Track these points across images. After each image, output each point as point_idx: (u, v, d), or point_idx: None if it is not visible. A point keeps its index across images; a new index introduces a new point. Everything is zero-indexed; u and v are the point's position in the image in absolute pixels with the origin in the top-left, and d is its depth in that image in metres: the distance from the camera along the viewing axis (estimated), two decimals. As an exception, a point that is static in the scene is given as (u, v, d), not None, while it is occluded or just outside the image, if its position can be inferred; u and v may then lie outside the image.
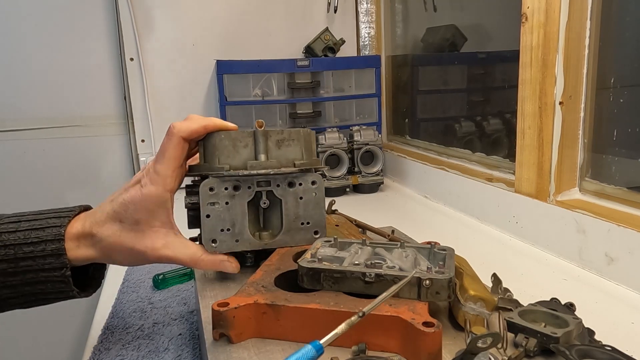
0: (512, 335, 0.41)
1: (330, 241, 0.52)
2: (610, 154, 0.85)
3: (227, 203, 0.54)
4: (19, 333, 1.48)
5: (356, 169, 1.32)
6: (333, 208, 0.69)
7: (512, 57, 0.92)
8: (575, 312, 0.46)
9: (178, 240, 0.53)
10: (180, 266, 0.81)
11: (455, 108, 1.47)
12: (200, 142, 0.56)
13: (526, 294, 0.55)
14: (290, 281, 0.47)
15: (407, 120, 1.56)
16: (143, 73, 1.43)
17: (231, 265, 0.54)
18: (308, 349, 0.35)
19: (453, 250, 0.49)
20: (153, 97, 1.45)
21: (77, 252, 0.52)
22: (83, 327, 1.51)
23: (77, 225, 0.53)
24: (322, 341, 0.35)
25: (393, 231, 0.68)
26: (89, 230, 0.52)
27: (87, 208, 0.56)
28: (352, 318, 0.37)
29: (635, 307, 0.66)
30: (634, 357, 0.38)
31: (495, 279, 0.49)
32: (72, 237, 0.52)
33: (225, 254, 0.55)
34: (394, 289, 0.39)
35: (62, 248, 0.51)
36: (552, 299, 0.47)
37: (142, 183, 0.53)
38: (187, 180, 0.59)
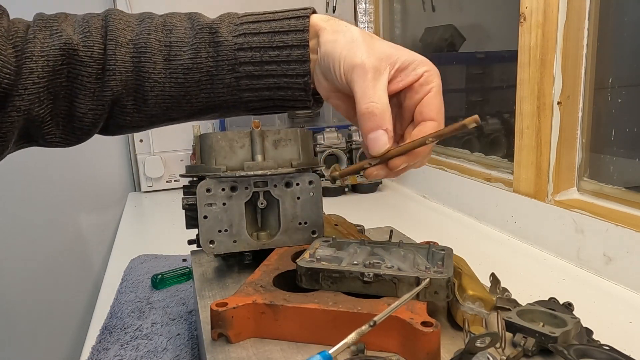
0: (511, 334, 0.41)
1: (329, 241, 0.52)
2: (609, 154, 0.85)
3: (224, 204, 0.54)
4: (18, 332, 1.48)
5: (355, 169, 1.31)
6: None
7: (510, 57, 0.93)
8: (574, 312, 0.46)
9: None
10: (179, 266, 0.81)
11: (454, 108, 1.47)
12: (197, 143, 0.56)
13: (524, 293, 0.55)
14: (289, 281, 0.47)
15: (405, 120, 1.55)
16: (141, 73, 1.43)
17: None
18: (317, 359, 0.34)
19: (451, 250, 0.49)
20: (151, 97, 1.45)
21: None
22: (81, 327, 1.51)
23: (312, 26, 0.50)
24: (331, 351, 0.35)
25: (392, 231, 0.68)
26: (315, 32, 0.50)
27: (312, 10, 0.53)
28: (363, 327, 0.36)
29: (634, 306, 0.66)
30: (632, 356, 0.38)
31: (494, 278, 0.50)
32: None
33: (224, 254, 0.55)
34: (407, 297, 0.39)
35: (306, 54, 0.50)
36: (551, 298, 0.48)
37: None
38: (184, 181, 0.59)
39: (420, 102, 0.46)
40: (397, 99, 0.48)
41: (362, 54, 0.45)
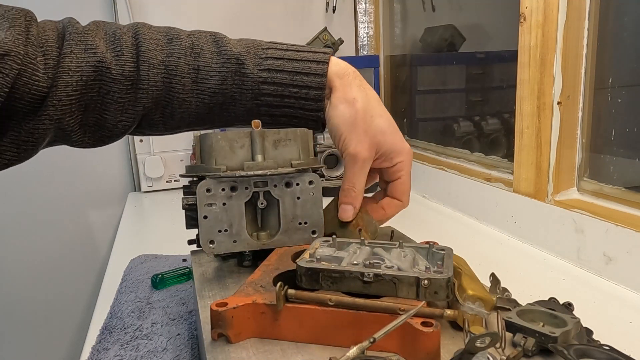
0: (511, 334, 0.41)
1: (329, 241, 0.52)
2: (609, 154, 0.85)
3: (224, 204, 0.54)
4: (18, 332, 1.48)
5: (355, 169, 1.31)
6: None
7: (510, 57, 0.93)
8: (574, 312, 0.46)
9: None
10: (179, 266, 0.81)
11: (454, 108, 1.47)
12: (197, 143, 0.56)
13: (525, 293, 0.55)
14: (289, 281, 0.47)
15: (405, 120, 1.56)
16: (141, 73, 1.43)
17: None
18: None
19: (451, 250, 0.49)
20: (151, 97, 1.45)
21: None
22: (81, 327, 1.51)
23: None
24: None
25: (393, 232, 0.68)
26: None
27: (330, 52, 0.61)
28: (364, 343, 0.37)
29: (634, 306, 0.66)
30: (632, 356, 0.38)
31: (494, 278, 0.50)
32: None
33: (224, 254, 0.55)
34: (405, 316, 0.39)
35: (322, 95, 0.57)
36: (551, 298, 0.48)
37: None
38: (184, 181, 0.59)
39: (392, 182, 0.60)
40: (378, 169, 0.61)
41: (358, 143, 0.56)
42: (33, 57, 0.50)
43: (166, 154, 1.48)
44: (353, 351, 0.36)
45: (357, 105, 0.56)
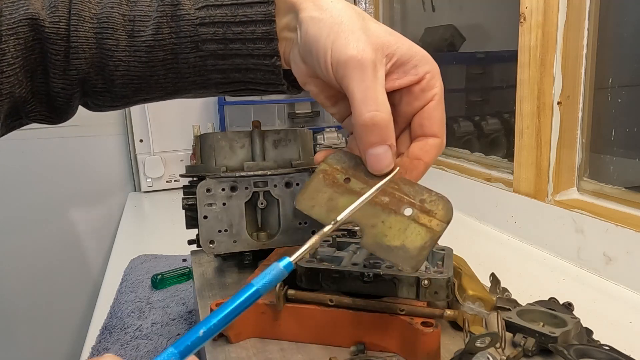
0: (511, 334, 0.41)
1: (329, 241, 0.52)
2: (609, 154, 0.85)
3: (224, 204, 0.54)
4: (18, 332, 1.48)
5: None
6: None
7: (510, 57, 0.93)
8: (574, 312, 0.46)
9: None
10: (179, 266, 0.81)
11: (454, 108, 1.47)
12: (197, 143, 0.56)
13: (525, 293, 0.55)
14: (289, 281, 0.47)
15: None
16: (141, 73, 1.43)
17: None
18: (279, 269, 0.31)
19: (451, 250, 0.49)
20: (151, 97, 1.45)
21: (281, 34, 0.44)
22: (81, 327, 1.51)
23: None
24: (292, 258, 0.32)
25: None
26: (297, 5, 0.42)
27: None
28: (325, 229, 0.35)
29: (634, 306, 0.66)
30: (632, 356, 0.38)
31: (494, 278, 0.50)
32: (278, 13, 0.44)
33: (224, 254, 0.55)
34: (371, 192, 0.36)
35: (272, 31, 0.43)
36: (551, 298, 0.48)
37: None
38: (184, 181, 0.59)
39: (419, 112, 0.40)
40: (389, 98, 0.39)
41: (357, 41, 0.37)
42: None
43: (166, 154, 1.48)
44: (313, 239, 0.33)
45: (339, 6, 0.40)
